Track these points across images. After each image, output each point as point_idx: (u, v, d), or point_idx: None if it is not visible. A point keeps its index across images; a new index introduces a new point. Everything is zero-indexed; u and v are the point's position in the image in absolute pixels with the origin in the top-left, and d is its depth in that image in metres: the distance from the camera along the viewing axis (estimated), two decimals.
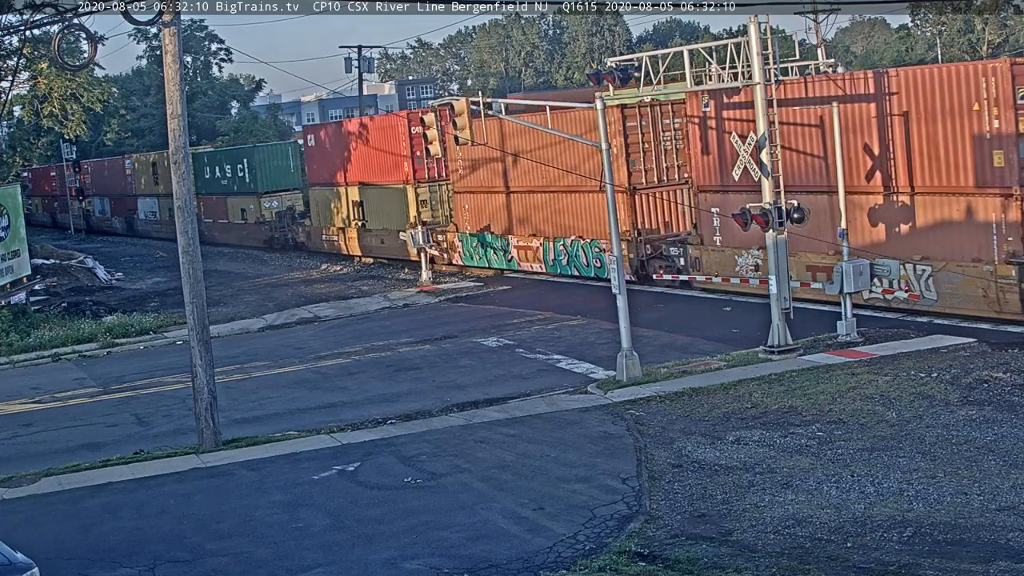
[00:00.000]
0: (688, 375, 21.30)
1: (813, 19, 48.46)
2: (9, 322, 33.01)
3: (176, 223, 19.21)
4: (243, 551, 13.87)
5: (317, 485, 16.40)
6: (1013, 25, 77.66)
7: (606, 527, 13.70)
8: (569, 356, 24.44)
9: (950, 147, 23.59)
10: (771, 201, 22.36)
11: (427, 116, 25.84)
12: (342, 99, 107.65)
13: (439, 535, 13.79)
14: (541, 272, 36.25)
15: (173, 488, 16.80)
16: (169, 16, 18.62)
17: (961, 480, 14.26)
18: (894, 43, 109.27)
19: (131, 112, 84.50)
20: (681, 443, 17.05)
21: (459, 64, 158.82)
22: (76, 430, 21.92)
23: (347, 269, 45.38)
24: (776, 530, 13.20)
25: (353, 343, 28.63)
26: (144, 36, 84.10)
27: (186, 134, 19.17)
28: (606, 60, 30.37)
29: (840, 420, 17.44)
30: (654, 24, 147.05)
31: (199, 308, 19.10)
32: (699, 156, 29.64)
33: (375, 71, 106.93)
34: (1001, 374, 19.00)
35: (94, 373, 27.68)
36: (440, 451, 17.61)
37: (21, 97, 50.64)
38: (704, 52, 25.77)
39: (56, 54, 22.18)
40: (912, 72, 24.83)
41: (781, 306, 22.33)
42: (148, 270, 52.19)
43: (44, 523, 15.65)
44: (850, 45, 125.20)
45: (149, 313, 35.90)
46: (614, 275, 21.65)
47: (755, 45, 22.38)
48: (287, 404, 22.64)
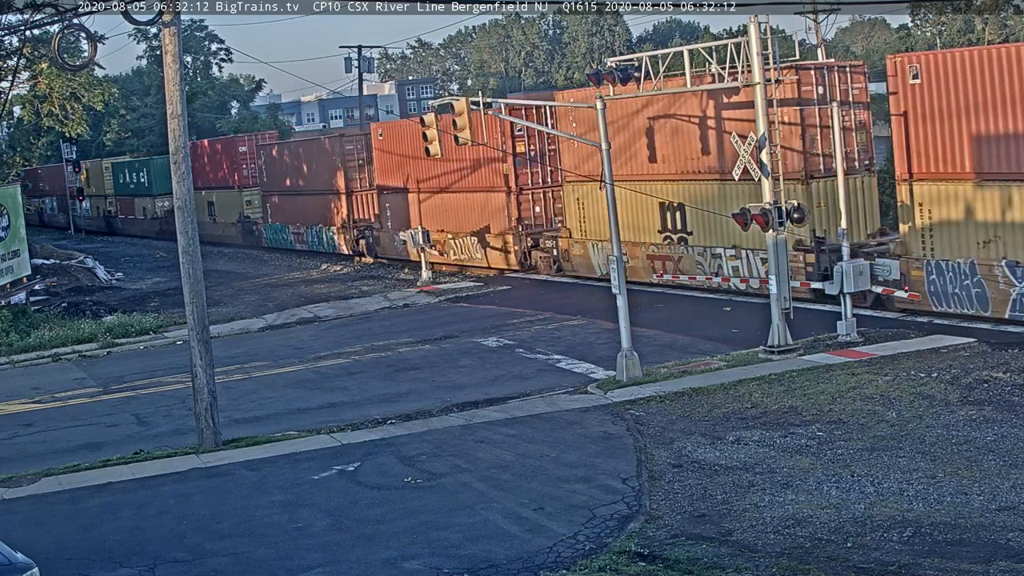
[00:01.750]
0: (688, 375, 21.30)
1: (813, 19, 48.40)
2: (9, 322, 33.00)
3: (176, 223, 19.20)
4: (243, 551, 13.87)
5: (317, 485, 16.40)
6: (1013, 25, 77.63)
7: (606, 527, 13.70)
8: (569, 356, 24.44)
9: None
10: (771, 201, 22.36)
11: (427, 116, 25.93)
12: (342, 99, 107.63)
13: (439, 535, 13.79)
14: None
15: (173, 488, 16.80)
16: (169, 16, 18.62)
17: (961, 480, 14.26)
18: (894, 43, 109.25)
19: (131, 112, 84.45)
20: (681, 443, 17.05)
21: (459, 64, 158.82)
22: (76, 430, 21.92)
23: (347, 269, 45.39)
24: (776, 530, 13.20)
25: (353, 343, 28.63)
26: (144, 36, 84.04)
27: (186, 134, 19.17)
28: (606, 60, 30.34)
29: (840, 420, 17.44)
30: (654, 24, 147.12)
31: (199, 308, 19.10)
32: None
33: (375, 71, 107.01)
34: (1001, 374, 19.01)
35: (94, 373, 27.68)
36: (440, 451, 17.61)
37: (21, 97, 50.61)
38: (704, 52, 25.76)
39: (56, 54, 22.17)
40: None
41: (781, 306, 22.33)
42: (148, 270, 52.21)
43: (44, 523, 15.65)
44: (850, 45, 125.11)
45: (149, 313, 35.90)
46: (614, 275, 21.66)
47: (755, 45, 22.38)
48: (287, 404, 22.64)
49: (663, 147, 30.85)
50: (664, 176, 31.01)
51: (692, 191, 30.00)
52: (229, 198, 59.17)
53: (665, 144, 30.78)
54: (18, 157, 54.79)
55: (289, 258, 50.69)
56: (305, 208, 50.95)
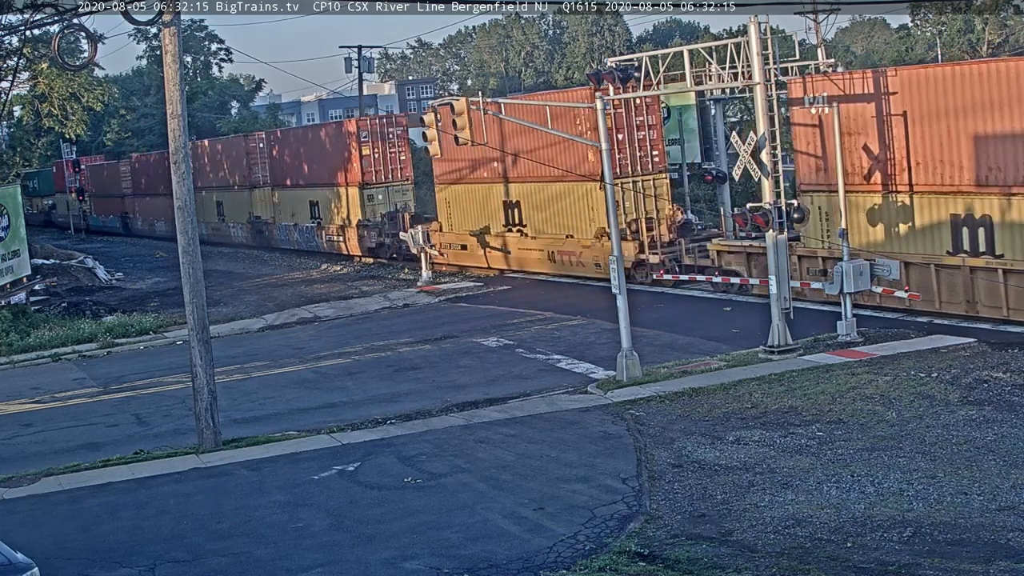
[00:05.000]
0: (688, 375, 21.30)
1: (813, 19, 48.41)
2: (9, 322, 33.00)
3: (176, 223, 19.21)
4: (243, 551, 13.87)
5: (317, 485, 16.40)
6: (1013, 25, 77.59)
7: (606, 527, 13.69)
8: (569, 356, 24.44)
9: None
10: (771, 201, 22.36)
11: (427, 116, 25.93)
12: (342, 99, 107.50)
13: (439, 535, 13.79)
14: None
15: (173, 488, 16.80)
16: (169, 16, 18.62)
17: (961, 480, 14.26)
18: (894, 43, 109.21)
19: (131, 112, 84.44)
20: (681, 443, 17.05)
21: (459, 64, 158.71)
22: (76, 430, 21.92)
23: (347, 269, 45.35)
24: (776, 530, 13.19)
25: (353, 343, 28.62)
26: (144, 36, 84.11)
27: (186, 134, 19.17)
28: (606, 60, 30.31)
29: (840, 420, 17.44)
30: (654, 24, 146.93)
31: (199, 308, 19.10)
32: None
33: (375, 71, 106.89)
34: (1001, 374, 19.01)
35: (94, 373, 27.67)
36: (440, 451, 17.61)
37: (21, 97, 50.63)
38: (704, 52, 25.76)
39: (56, 54, 22.16)
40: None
41: (781, 306, 22.33)
42: (148, 270, 52.21)
43: (44, 523, 15.65)
44: (850, 45, 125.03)
45: (149, 313, 35.90)
46: (614, 275, 21.66)
47: (755, 45, 22.38)
48: (287, 404, 22.64)
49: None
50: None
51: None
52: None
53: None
54: (18, 157, 54.78)
55: (289, 258, 50.66)
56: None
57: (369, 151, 43.52)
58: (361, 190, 43.99)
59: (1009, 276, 22.64)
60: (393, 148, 43.98)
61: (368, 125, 44.55)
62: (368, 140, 43.53)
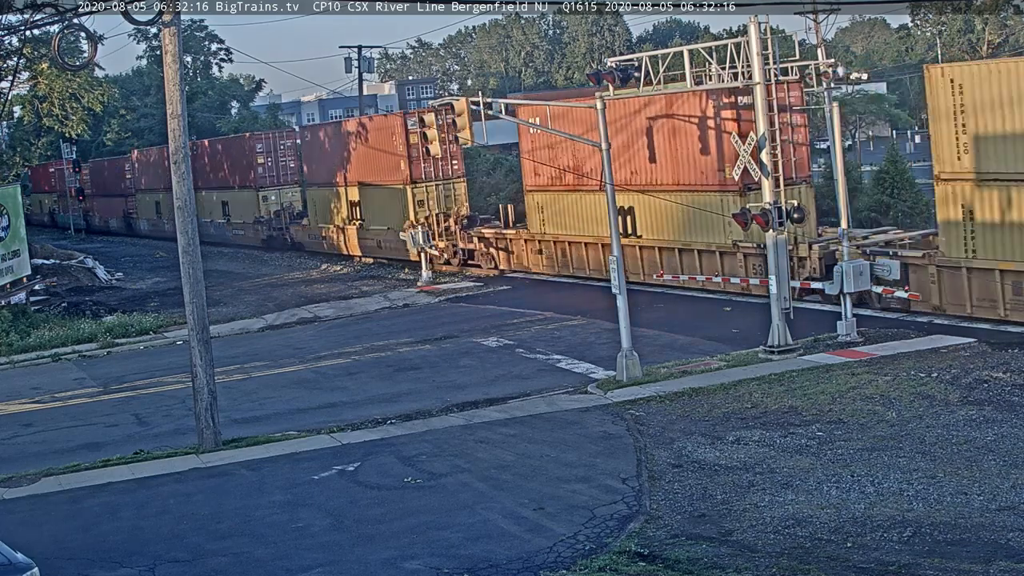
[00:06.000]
0: (688, 375, 21.30)
1: (813, 19, 48.36)
2: (9, 322, 33.00)
3: (176, 223, 19.21)
4: (243, 551, 13.87)
5: (317, 485, 16.40)
6: (1013, 25, 77.63)
7: (606, 527, 13.70)
8: (569, 356, 24.44)
9: None
10: (771, 201, 22.36)
11: (427, 116, 25.91)
12: (342, 99, 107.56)
13: (439, 535, 13.79)
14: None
15: (173, 488, 16.80)
16: (169, 16, 18.62)
17: (961, 480, 14.26)
18: (894, 43, 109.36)
19: (131, 112, 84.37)
20: (681, 443, 17.05)
21: (459, 64, 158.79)
22: (76, 430, 21.92)
23: (347, 269, 45.37)
24: (776, 530, 13.19)
25: (353, 343, 28.63)
26: (144, 36, 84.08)
27: (186, 134, 19.17)
28: (606, 60, 30.34)
29: (840, 420, 17.44)
30: (654, 24, 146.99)
31: (199, 308, 19.10)
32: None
33: (375, 71, 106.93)
34: (1001, 374, 19.01)
35: (94, 373, 27.67)
36: (440, 451, 17.61)
37: (21, 97, 50.60)
38: (704, 52, 25.76)
39: (56, 54, 22.12)
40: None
41: (781, 306, 22.33)
42: (148, 270, 52.21)
43: (44, 523, 15.65)
44: (850, 45, 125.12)
45: (149, 313, 35.90)
46: (614, 275, 21.66)
47: (755, 45, 22.38)
48: (287, 404, 22.64)
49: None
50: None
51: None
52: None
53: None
54: (18, 157, 54.74)
55: (289, 258, 50.67)
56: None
57: (263, 160, 55.19)
58: (257, 192, 55.03)
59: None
60: (283, 157, 55.68)
61: (263, 139, 56.55)
62: (263, 151, 55.30)
